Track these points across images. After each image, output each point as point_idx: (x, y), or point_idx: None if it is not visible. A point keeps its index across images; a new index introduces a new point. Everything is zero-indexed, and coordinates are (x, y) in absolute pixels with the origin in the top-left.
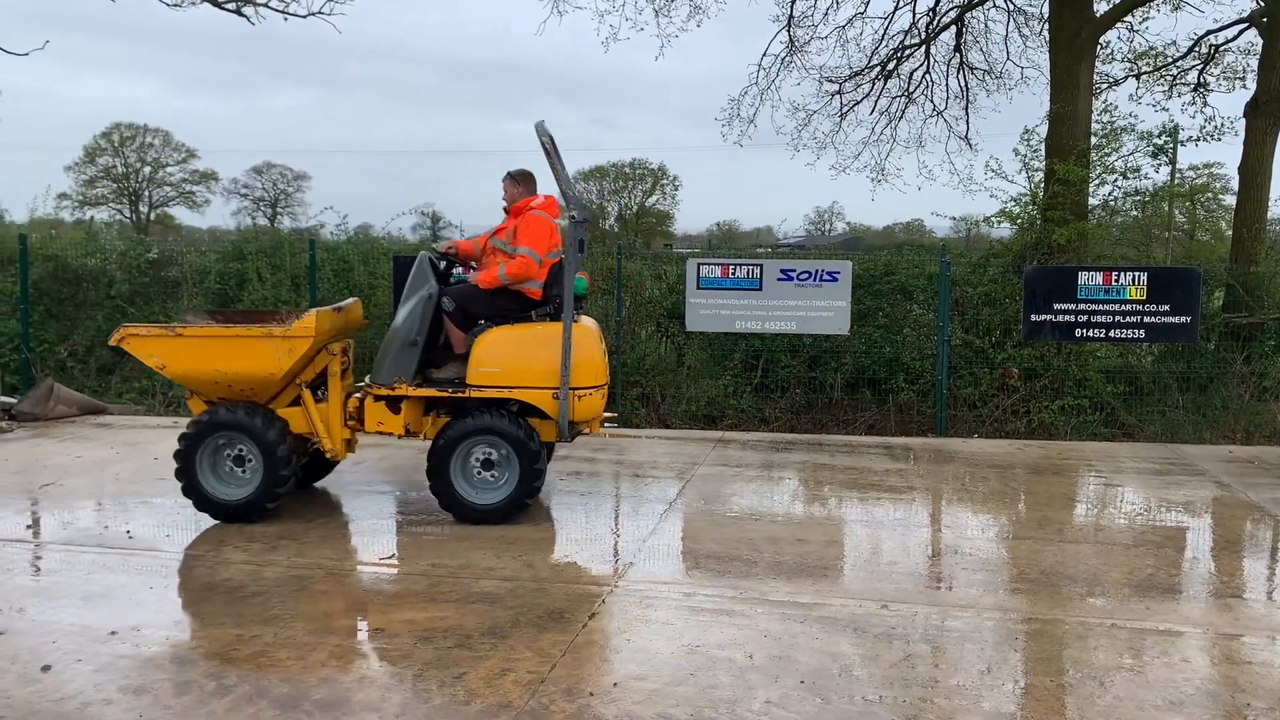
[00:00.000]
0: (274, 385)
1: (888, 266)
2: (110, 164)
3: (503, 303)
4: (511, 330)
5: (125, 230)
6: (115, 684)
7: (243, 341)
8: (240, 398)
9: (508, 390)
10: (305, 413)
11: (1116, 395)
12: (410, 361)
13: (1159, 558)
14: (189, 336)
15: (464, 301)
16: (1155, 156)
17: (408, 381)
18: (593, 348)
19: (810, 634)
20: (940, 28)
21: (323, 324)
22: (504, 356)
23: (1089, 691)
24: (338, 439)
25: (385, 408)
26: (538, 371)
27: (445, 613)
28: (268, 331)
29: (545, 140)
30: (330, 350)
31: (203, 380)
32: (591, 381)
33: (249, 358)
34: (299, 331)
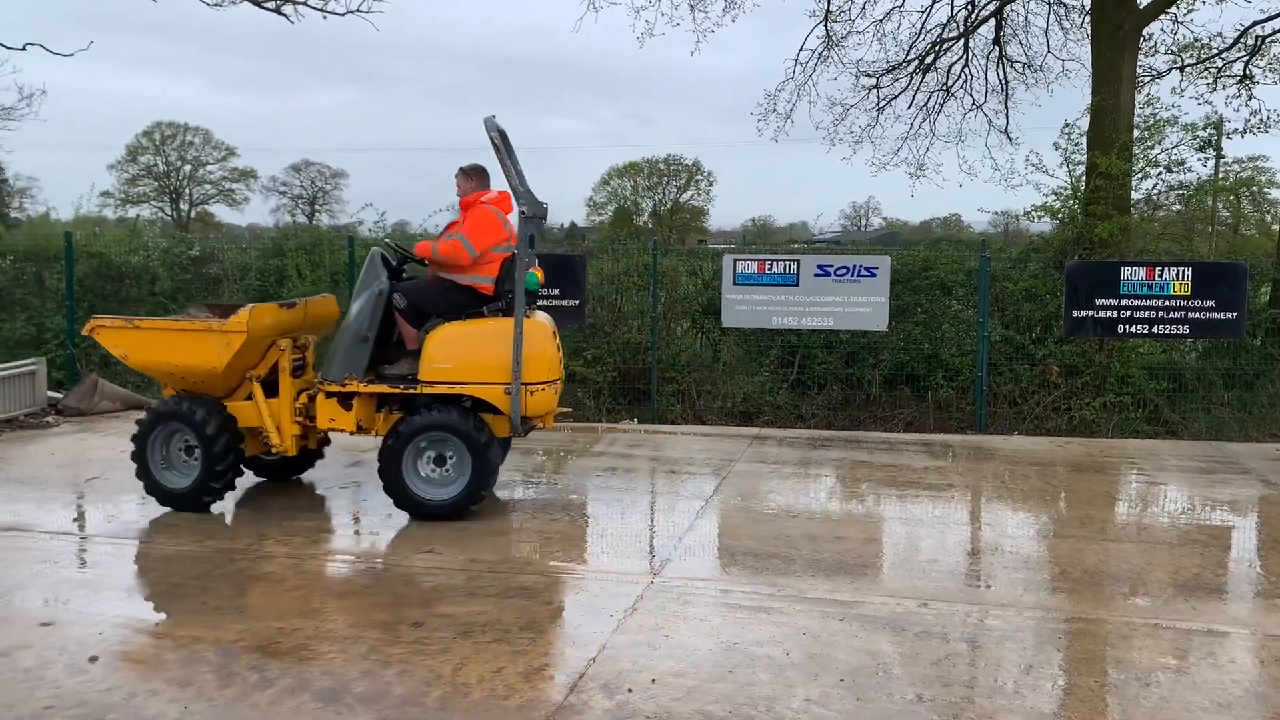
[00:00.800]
0: (218, 377)
1: (926, 262)
2: (152, 162)
3: (454, 298)
4: (463, 326)
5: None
6: (160, 676)
7: (187, 335)
8: (197, 389)
9: (459, 386)
10: (255, 407)
11: (1160, 392)
12: (361, 358)
13: (1204, 557)
14: (145, 329)
15: (415, 297)
16: (1200, 150)
17: (359, 378)
18: (545, 342)
19: (849, 632)
20: (979, 21)
21: (260, 320)
22: (455, 352)
23: (1133, 692)
24: (287, 434)
25: (337, 404)
26: (489, 367)
27: (484, 607)
28: (207, 326)
29: (494, 136)
30: (279, 346)
31: (159, 371)
32: (544, 376)
33: (193, 351)
34: (233, 326)
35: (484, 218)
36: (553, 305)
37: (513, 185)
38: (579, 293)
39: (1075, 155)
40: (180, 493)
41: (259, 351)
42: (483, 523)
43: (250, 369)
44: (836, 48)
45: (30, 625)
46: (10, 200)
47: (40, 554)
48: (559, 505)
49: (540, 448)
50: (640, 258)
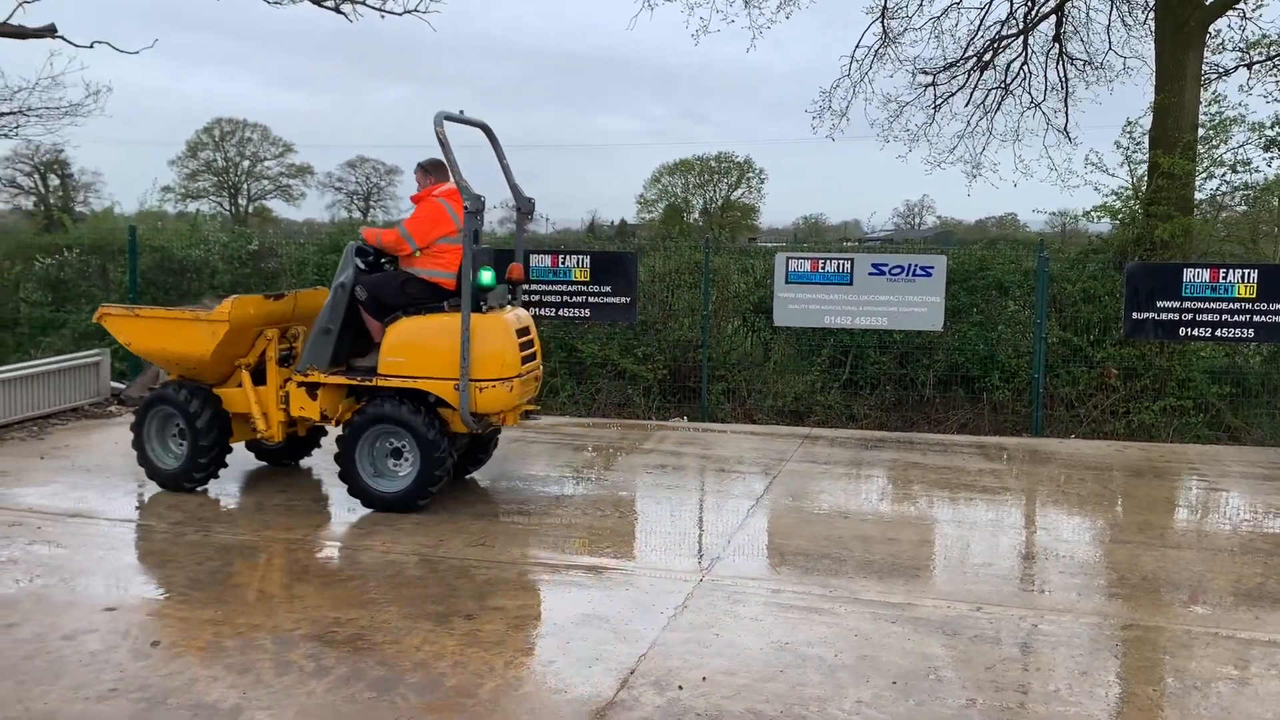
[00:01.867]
0: (207, 365)
1: (983, 262)
2: (211, 158)
3: (413, 291)
4: (418, 320)
5: (225, 222)
6: (220, 662)
7: (178, 324)
8: (191, 375)
9: (413, 380)
10: (244, 394)
11: (1222, 396)
12: (325, 349)
13: (1268, 566)
14: (144, 317)
15: (376, 291)
16: (1267, 149)
17: (321, 369)
18: (500, 340)
19: (901, 634)
20: (1039, 17)
21: (243, 310)
22: (409, 346)
23: (1193, 702)
24: (273, 421)
25: (306, 394)
26: (440, 362)
27: (535, 601)
28: (195, 315)
29: (439, 131)
30: (266, 335)
31: (158, 358)
32: (496, 374)
33: (183, 339)
34: (216, 316)
35: (429, 210)
36: (604, 302)
37: (458, 180)
38: (630, 290)
39: (1136, 155)
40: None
41: (247, 341)
42: (534, 518)
43: (240, 358)
44: (893, 45)
45: (95, 609)
46: (76, 194)
47: (104, 540)
48: (609, 502)
49: (590, 445)
50: (691, 255)
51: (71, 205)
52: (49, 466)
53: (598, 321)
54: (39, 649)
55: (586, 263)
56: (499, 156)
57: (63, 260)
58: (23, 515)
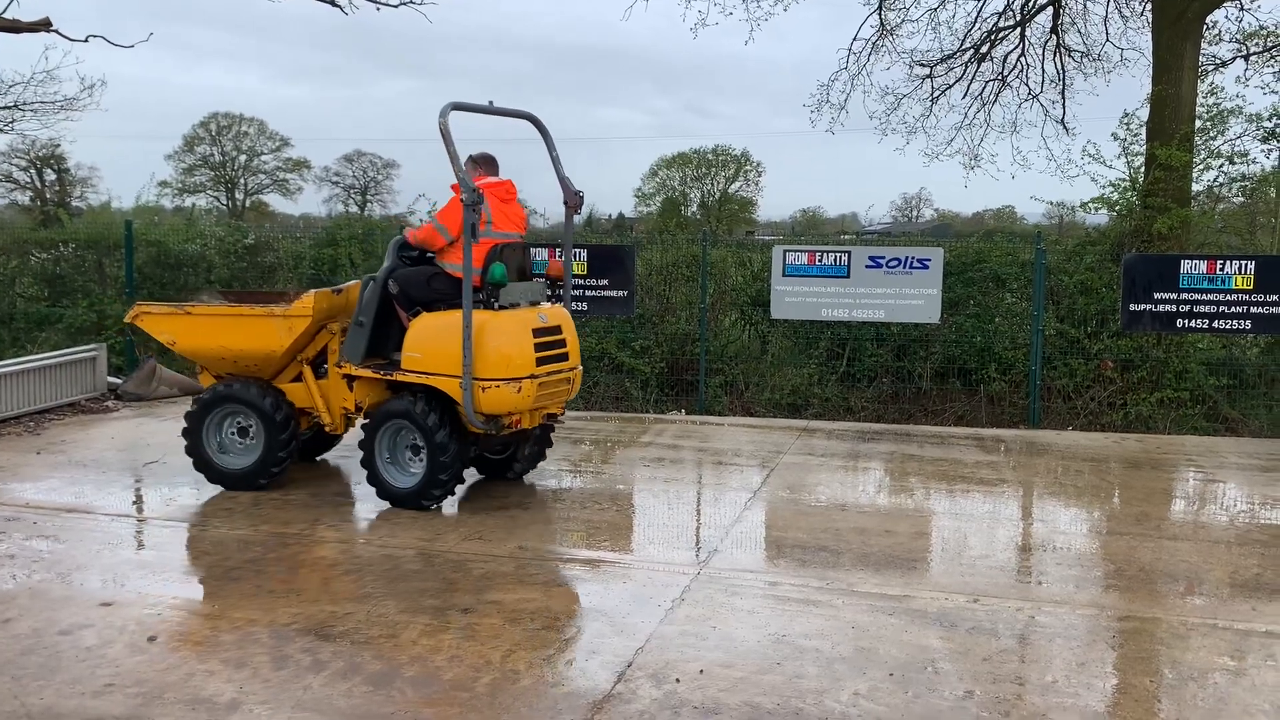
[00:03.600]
0: (275, 361)
1: (979, 254)
2: (208, 152)
3: (439, 286)
4: (436, 316)
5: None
6: (217, 656)
7: (247, 320)
8: (246, 373)
9: (427, 376)
10: (306, 388)
11: (1219, 388)
12: (358, 342)
13: (1265, 557)
14: (198, 315)
15: (405, 285)
16: (1265, 141)
17: (354, 362)
18: (511, 339)
19: (898, 626)
20: (1036, 9)
21: (320, 304)
22: (425, 342)
23: (1190, 693)
24: (337, 414)
25: (345, 386)
26: (450, 359)
27: (532, 594)
28: (269, 311)
29: (443, 122)
30: (330, 329)
31: (210, 357)
32: (501, 373)
33: (252, 336)
34: (298, 311)
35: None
36: (601, 296)
37: (457, 174)
38: (628, 284)
39: (1134, 146)
40: (239, 472)
41: (310, 335)
42: (531, 512)
43: (300, 351)
44: (890, 37)
45: (91, 605)
46: (72, 189)
47: (100, 535)
48: (606, 495)
49: (588, 438)
50: (689, 249)
51: (68, 200)
52: (45, 462)
53: (595, 315)
54: (35, 644)
55: (584, 256)
56: (549, 148)
57: (59, 255)
58: (19, 510)
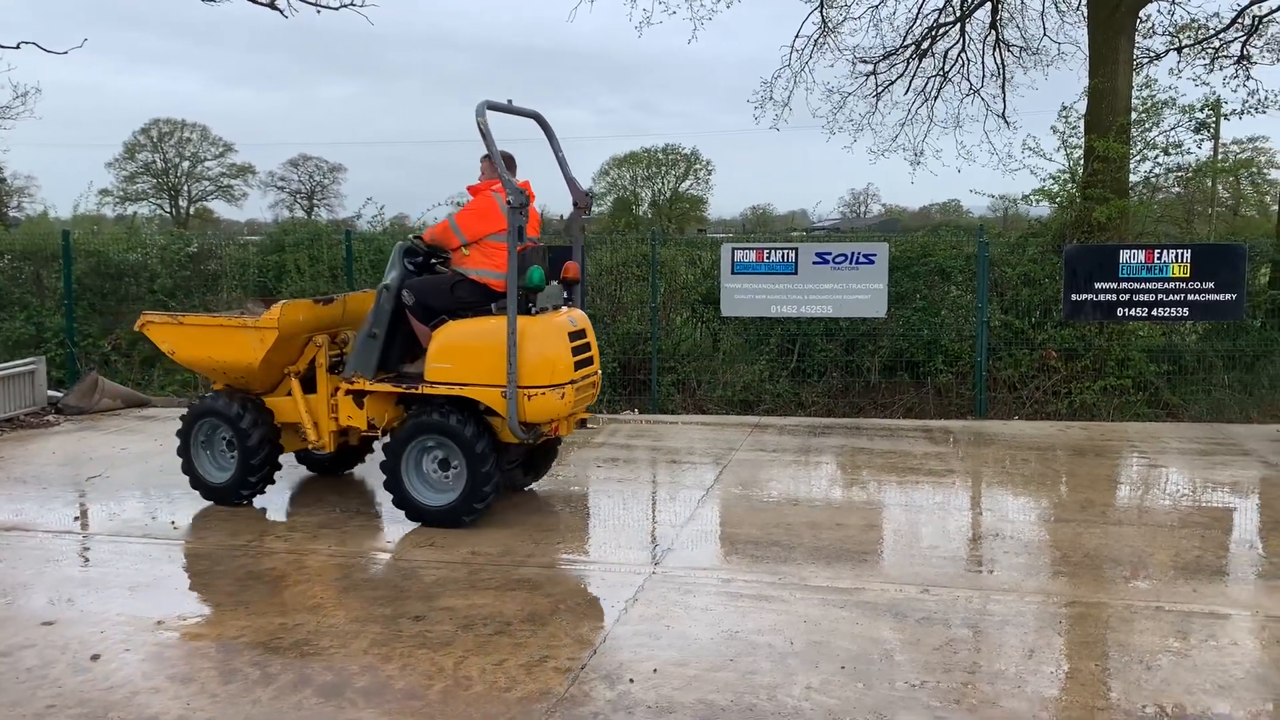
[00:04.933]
0: (255, 373)
1: (924, 248)
2: (150, 159)
3: (461, 294)
4: (465, 324)
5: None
6: (163, 673)
7: (224, 331)
8: (239, 384)
9: (459, 387)
10: (293, 403)
11: (1160, 375)
12: (370, 355)
13: (1205, 539)
14: (188, 325)
15: (422, 294)
16: (1198, 131)
17: (367, 376)
18: (551, 344)
19: (850, 619)
20: (975, 4)
21: (292, 316)
22: (455, 352)
23: (1135, 675)
24: (324, 430)
25: (353, 402)
26: (487, 368)
27: (485, 600)
28: (242, 322)
29: (481, 121)
30: (316, 342)
31: (203, 367)
32: (546, 380)
33: (230, 347)
34: (265, 323)
35: (482, 204)
36: None
37: (501, 174)
38: (578, 284)
39: (1073, 139)
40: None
41: (296, 347)
42: (484, 516)
43: (289, 365)
44: (833, 34)
45: (32, 624)
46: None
47: (42, 553)
48: (560, 497)
49: None
50: (639, 248)
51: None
52: None
53: None
54: None
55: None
56: (554, 148)
57: None
58: None
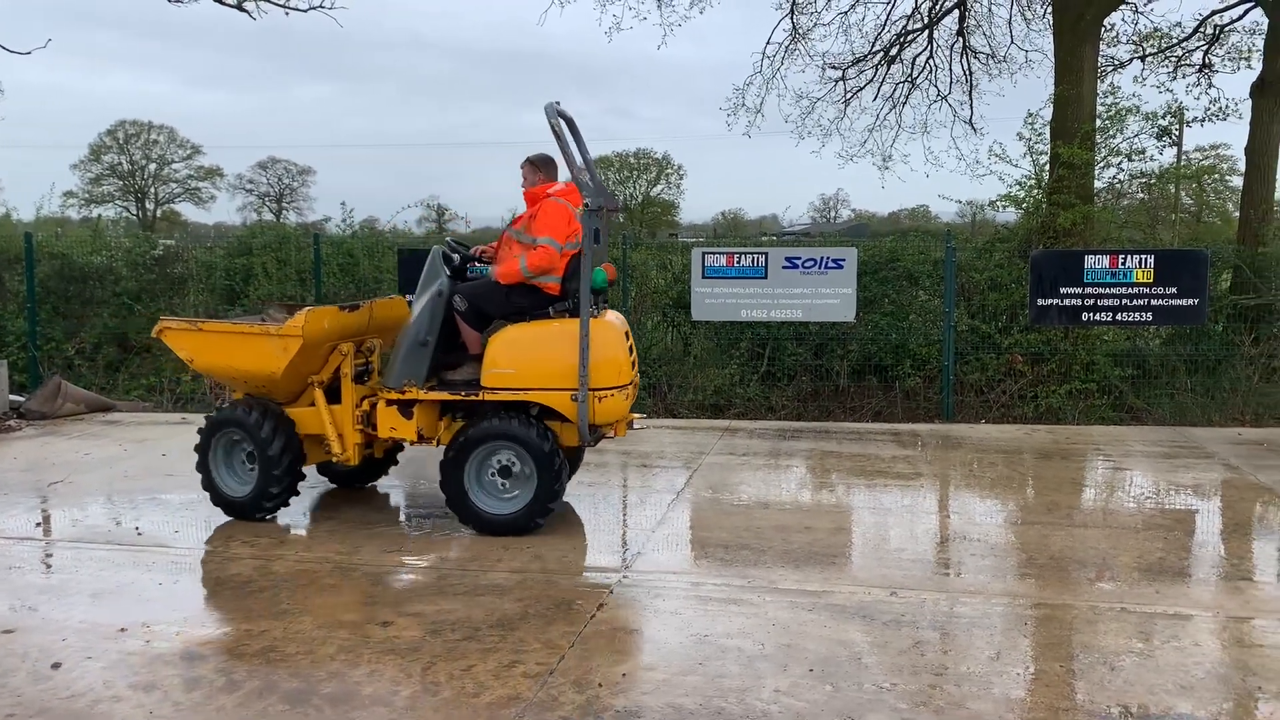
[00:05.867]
0: (278, 382)
1: (893, 253)
2: (116, 161)
3: (519, 299)
4: (527, 328)
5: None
6: (125, 681)
7: (245, 338)
8: (260, 394)
9: (523, 392)
10: (317, 413)
11: (1124, 379)
12: (421, 363)
13: (1168, 541)
14: (208, 331)
15: (477, 300)
16: (1160, 138)
17: (419, 385)
18: (615, 345)
19: (819, 622)
20: (943, 12)
21: (318, 323)
22: (519, 356)
23: (1099, 676)
24: (349, 443)
25: (398, 412)
26: (555, 372)
27: (453, 605)
28: (265, 330)
29: (555, 122)
30: (341, 350)
31: (223, 375)
32: (613, 382)
33: (252, 354)
34: (289, 330)
35: (557, 212)
36: None
37: (576, 176)
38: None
39: (1039, 145)
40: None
41: (320, 356)
42: (453, 521)
43: (313, 374)
44: (803, 40)
45: None
46: None
47: (3, 559)
48: None
49: None
50: (610, 252)
51: None
52: None
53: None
54: None
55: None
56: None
57: None
58: None
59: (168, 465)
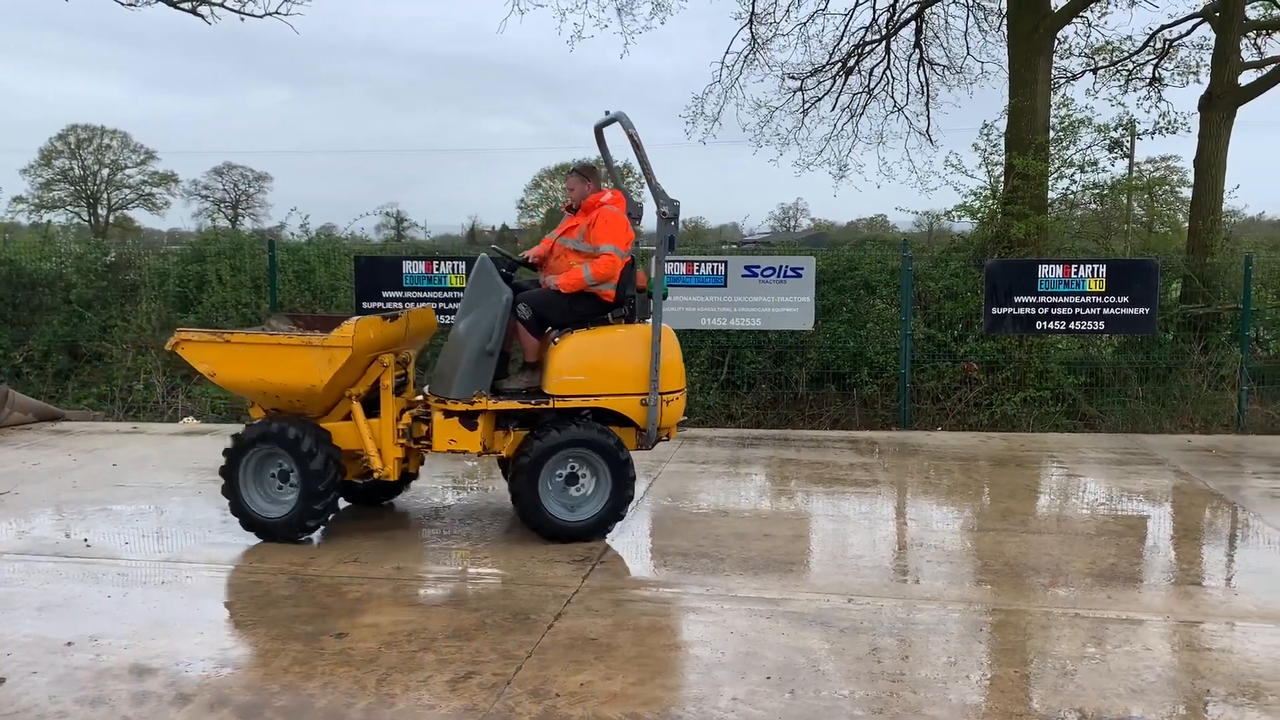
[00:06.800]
0: (317, 397)
1: (851, 262)
2: (67, 166)
3: (580, 307)
4: (593, 335)
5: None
6: (71, 695)
7: (284, 350)
8: (290, 409)
9: (593, 399)
10: (355, 428)
11: (1077, 386)
12: (487, 373)
13: (1120, 547)
14: (237, 344)
15: (540, 307)
16: (1112, 150)
17: (486, 395)
18: (675, 350)
19: (777, 629)
20: (900, 23)
21: (365, 333)
22: (588, 363)
23: (1052, 681)
24: (389, 457)
25: (459, 424)
26: (624, 377)
27: (410, 616)
28: (307, 341)
29: (632, 131)
30: (382, 361)
31: (250, 389)
32: (677, 385)
33: (290, 368)
34: (336, 341)
35: (617, 221)
36: None
37: (653, 185)
38: None
39: (994, 156)
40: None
41: (360, 367)
42: (410, 531)
43: (349, 387)
44: (762, 50)
45: None
46: None
47: None
48: (488, 512)
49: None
50: None
51: None
52: None
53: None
54: None
55: (462, 269)
56: (603, 152)
57: None
58: None
59: (118, 475)
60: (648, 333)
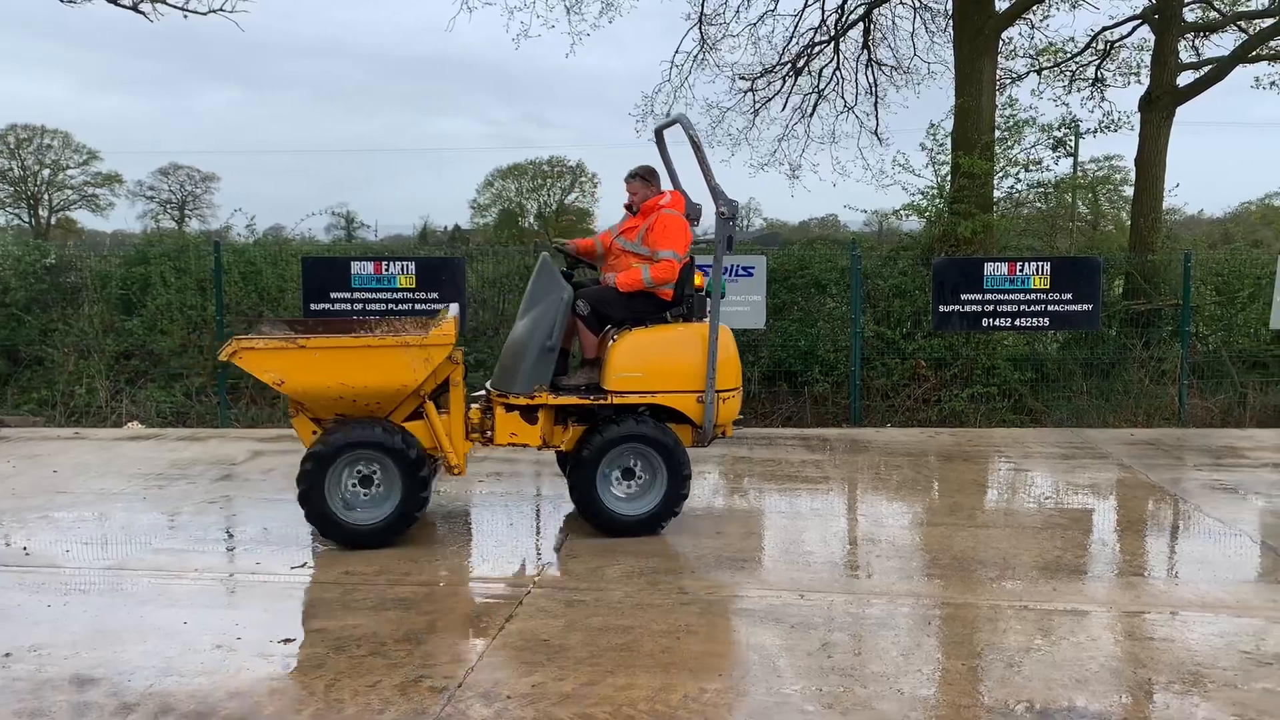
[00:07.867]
0: (403, 398)
1: (801, 261)
2: (6, 167)
3: (639, 305)
4: (652, 332)
5: (23, 235)
6: (9, 707)
7: (374, 352)
8: (362, 413)
9: (650, 395)
10: (428, 426)
11: (1024, 382)
12: (548, 368)
13: (1066, 539)
14: (313, 349)
15: (599, 305)
16: (1055, 149)
17: (547, 390)
18: (732, 348)
19: (729, 626)
20: (849, 24)
21: (455, 331)
22: (646, 360)
23: (1000, 673)
24: (461, 452)
25: (520, 418)
26: (682, 374)
27: (359, 620)
28: (404, 341)
29: (693, 133)
30: (453, 358)
31: (324, 395)
32: (734, 383)
33: (380, 370)
34: (437, 340)
35: (678, 225)
36: (431, 309)
37: (711, 185)
38: (458, 296)
39: (941, 156)
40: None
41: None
42: None
43: (423, 386)
44: (712, 51)
45: None
46: None
47: None
48: (440, 514)
49: None
50: (522, 260)
51: None
52: None
53: None
54: None
55: (412, 269)
56: (663, 155)
57: None
58: None
59: (59, 482)
60: (705, 331)
